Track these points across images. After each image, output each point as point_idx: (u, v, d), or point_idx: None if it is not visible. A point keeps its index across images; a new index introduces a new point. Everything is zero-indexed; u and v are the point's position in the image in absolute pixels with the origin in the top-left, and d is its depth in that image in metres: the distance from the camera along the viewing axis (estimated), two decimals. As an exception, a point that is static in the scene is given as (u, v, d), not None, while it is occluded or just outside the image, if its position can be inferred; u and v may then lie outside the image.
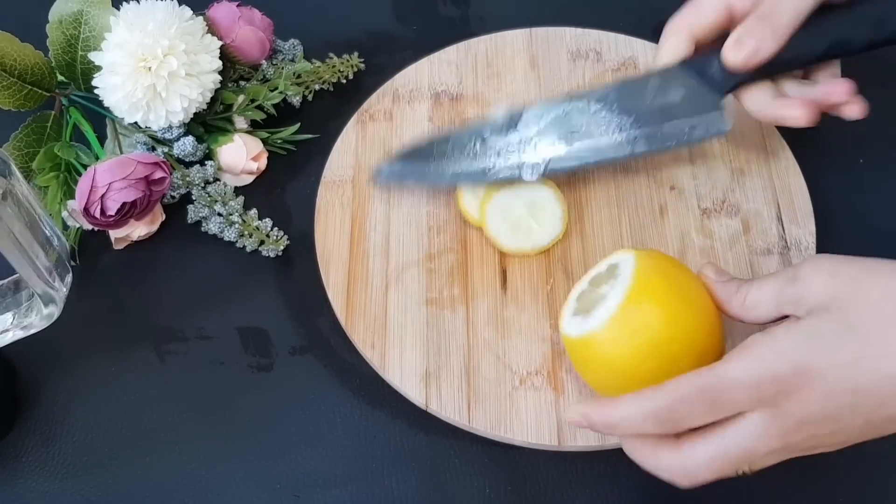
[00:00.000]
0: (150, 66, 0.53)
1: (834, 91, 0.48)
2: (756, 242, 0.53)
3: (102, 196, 0.51)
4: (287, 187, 0.59)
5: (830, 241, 0.54)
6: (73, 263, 0.52)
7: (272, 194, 0.59)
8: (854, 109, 0.48)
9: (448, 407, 0.48)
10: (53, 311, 0.45)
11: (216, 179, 0.58)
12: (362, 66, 0.63)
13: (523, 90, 0.60)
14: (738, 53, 0.47)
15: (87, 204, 0.51)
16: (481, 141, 0.52)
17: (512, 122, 0.52)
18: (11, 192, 0.40)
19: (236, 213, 0.56)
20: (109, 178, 0.51)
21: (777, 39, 0.47)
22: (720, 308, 0.43)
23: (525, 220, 0.53)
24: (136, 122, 0.56)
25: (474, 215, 0.54)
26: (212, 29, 0.57)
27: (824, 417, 0.37)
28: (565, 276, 0.52)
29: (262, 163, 0.59)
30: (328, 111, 0.62)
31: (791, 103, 0.48)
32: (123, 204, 0.51)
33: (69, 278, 0.45)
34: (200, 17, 0.57)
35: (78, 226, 0.56)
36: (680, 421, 0.38)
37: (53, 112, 0.58)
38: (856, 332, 0.36)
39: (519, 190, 0.53)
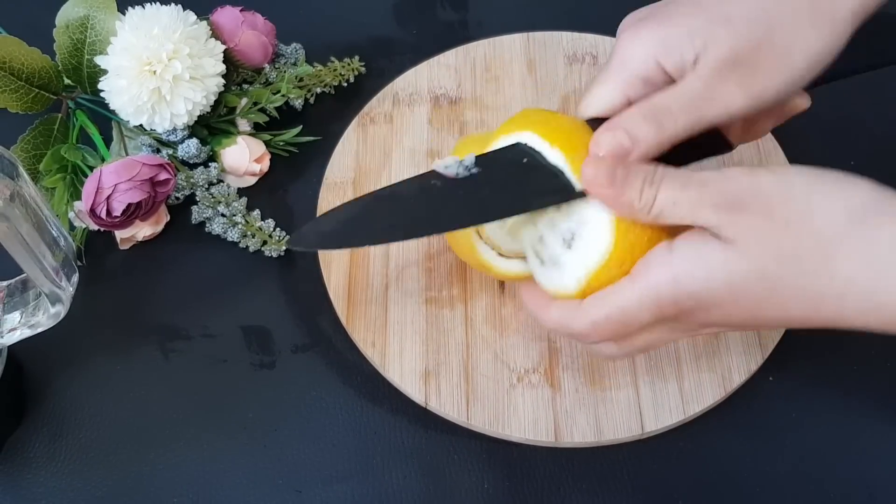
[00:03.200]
0: (154, 70, 0.53)
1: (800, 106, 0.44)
2: (750, 243, 0.54)
3: (108, 197, 0.51)
4: (289, 189, 0.59)
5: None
6: (79, 263, 0.53)
7: (275, 195, 0.59)
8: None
9: (447, 404, 0.49)
10: (60, 310, 0.46)
11: (220, 181, 0.58)
12: (363, 69, 0.64)
13: (521, 93, 0.61)
14: (600, 144, 0.39)
15: (93, 205, 0.52)
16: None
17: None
18: (19, 194, 0.41)
19: (239, 214, 0.56)
20: (115, 179, 0.51)
21: (658, 144, 0.39)
22: (612, 208, 0.38)
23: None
24: (141, 125, 0.56)
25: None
26: (215, 33, 0.58)
27: (718, 325, 0.38)
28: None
29: (265, 165, 0.59)
30: (330, 114, 0.62)
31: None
32: (129, 205, 0.52)
33: (75, 278, 0.46)
34: (204, 22, 0.57)
35: (84, 226, 0.56)
36: (589, 337, 0.40)
37: (60, 115, 0.58)
38: (771, 279, 0.35)
39: None
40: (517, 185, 0.40)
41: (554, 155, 0.40)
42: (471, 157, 0.41)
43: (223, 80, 0.57)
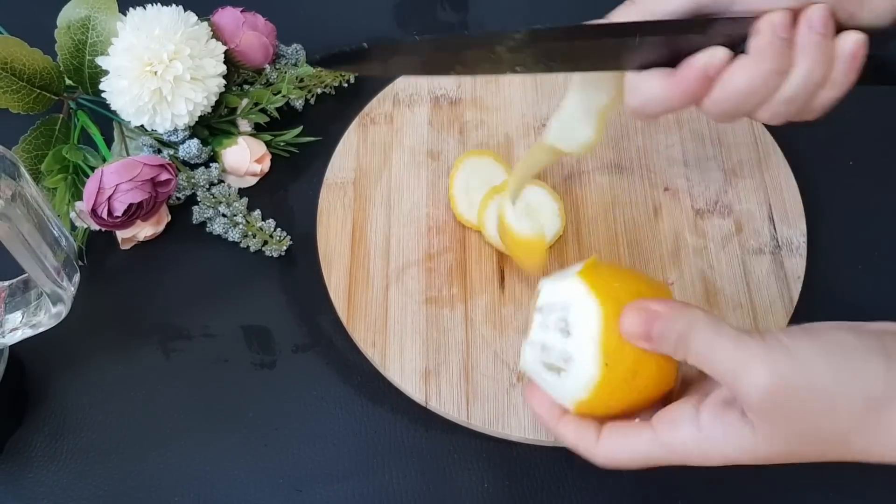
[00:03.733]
0: (156, 71, 0.54)
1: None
2: (748, 242, 0.54)
3: (109, 197, 0.52)
4: (290, 189, 0.60)
5: (820, 240, 0.55)
6: (80, 263, 0.53)
7: (275, 196, 0.59)
8: None
9: (447, 403, 0.49)
10: (62, 310, 0.46)
11: (220, 181, 0.58)
12: (363, 70, 0.64)
13: (520, 94, 0.61)
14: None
15: (94, 205, 0.52)
16: None
17: None
18: (20, 194, 0.41)
19: (240, 214, 0.56)
20: (116, 179, 0.51)
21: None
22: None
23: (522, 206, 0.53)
24: (142, 125, 0.56)
25: (470, 220, 0.55)
26: (216, 34, 0.58)
27: None
28: (562, 276, 0.53)
29: (266, 165, 0.59)
30: (330, 114, 0.62)
31: None
32: (130, 205, 0.52)
33: (77, 278, 0.46)
34: (205, 23, 0.57)
35: (85, 226, 0.56)
36: (606, 467, 0.40)
37: (62, 115, 0.58)
38: (791, 449, 0.37)
39: None
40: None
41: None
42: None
43: (224, 81, 0.57)
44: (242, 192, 0.59)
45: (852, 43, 0.40)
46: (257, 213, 0.57)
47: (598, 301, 0.39)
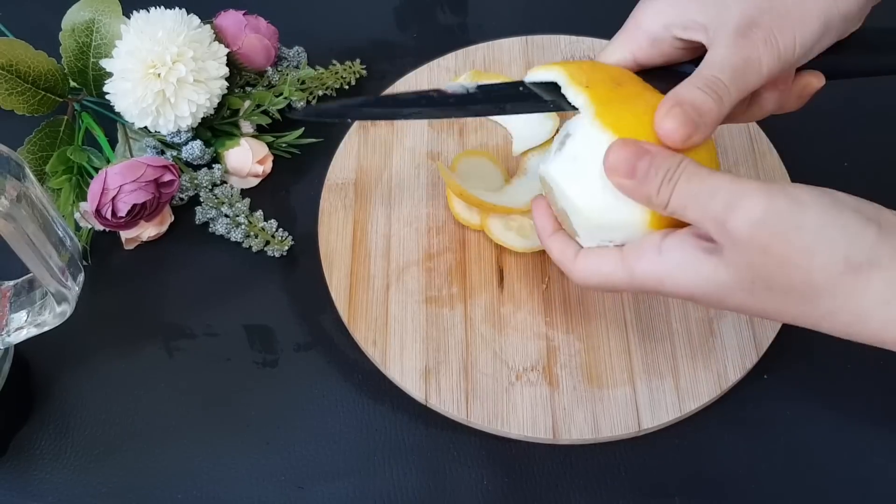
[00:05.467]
0: (159, 73, 0.54)
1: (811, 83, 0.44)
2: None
3: (113, 198, 0.52)
4: (291, 190, 0.60)
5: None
6: (84, 263, 0.53)
7: (277, 196, 0.59)
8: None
9: (447, 402, 0.50)
10: (66, 310, 0.46)
11: (223, 182, 0.58)
12: (364, 72, 0.64)
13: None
14: (666, 122, 0.38)
15: (98, 206, 0.52)
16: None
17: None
18: (25, 195, 0.41)
19: (242, 215, 0.57)
20: (120, 180, 0.52)
21: (719, 117, 0.39)
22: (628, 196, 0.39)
23: (528, 222, 0.54)
24: (145, 127, 0.57)
25: (469, 220, 0.55)
26: (219, 37, 0.58)
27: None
28: (560, 275, 0.54)
29: (268, 166, 0.60)
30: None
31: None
32: (134, 206, 0.52)
33: (81, 277, 0.46)
34: (208, 26, 0.58)
35: (90, 227, 0.57)
36: (576, 281, 0.43)
37: (66, 117, 0.59)
38: (756, 297, 0.36)
39: None
40: (508, 98, 0.45)
41: (571, 91, 0.42)
42: (474, 84, 0.46)
43: (226, 83, 0.58)
44: (245, 192, 0.59)
45: (812, 90, 0.44)
46: (259, 213, 0.57)
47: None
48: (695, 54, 0.43)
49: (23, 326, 0.47)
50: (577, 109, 0.42)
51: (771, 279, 0.35)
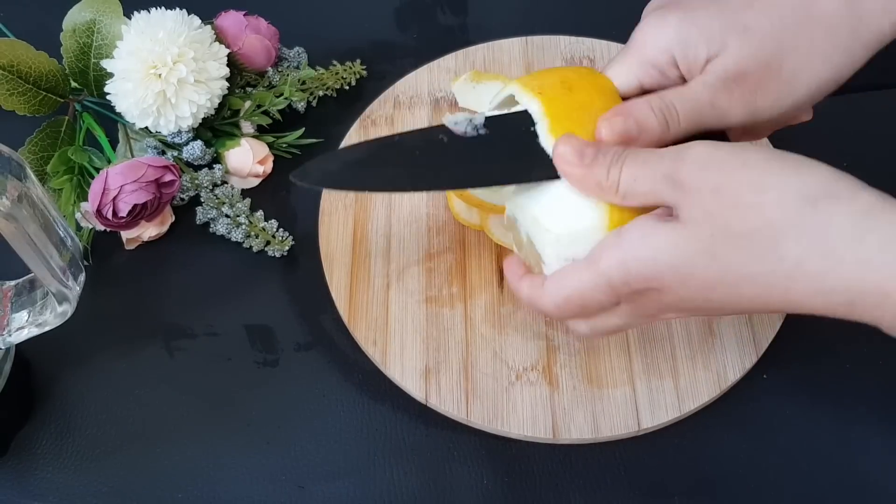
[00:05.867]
0: (160, 73, 0.54)
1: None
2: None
3: (114, 198, 0.52)
4: (292, 190, 0.60)
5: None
6: (85, 263, 0.54)
7: (278, 197, 0.60)
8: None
9: (447, 401, 0.50)
10: (67, 309, 0.46)
11: (224, 182, 0.59)
12: (364, 73, 0.64)
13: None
14: (609, 126, 0.39)
15: (99, 206, 0.52)
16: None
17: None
18: (27, 195, 0.41)
19: (243, 215, 0.57)
20: (121, 180, 0.52)
21: (660, 139, 0.39)
22: (580, 188, 0.39)
23: None
24: (146, 127, 0.57)
25: (468, 220, 0.55)
26: (220, 37, 0.58)
27: (675, 309, 0.39)
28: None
29: (268, 166, 0.60)
30: (332, 116, 0.63)
31: None
32: (134, 206, 0.52)
33: (82, 277, 0.46)
34: (209, 26, 0.58)
35: (91, 227, 0.57)
36: (553, 315, 0.42)
37: (67, 117, 0.59)
38: (720, 259, 0.35)
39: None
40: (520, 154, 0.41)
41: (542, 125, 0.41)
42: (481, 118, 0.42)
43: (227, 84, 0.58)
44: (245, 192, 0.59)
45: (807, 117, 0.44)
46: (260, 213, 0.57)
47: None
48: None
49: (24, 326, 0.47)
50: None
51: (729, 227, 0.34)
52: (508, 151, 0.41)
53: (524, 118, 0.42)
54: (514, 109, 0.42)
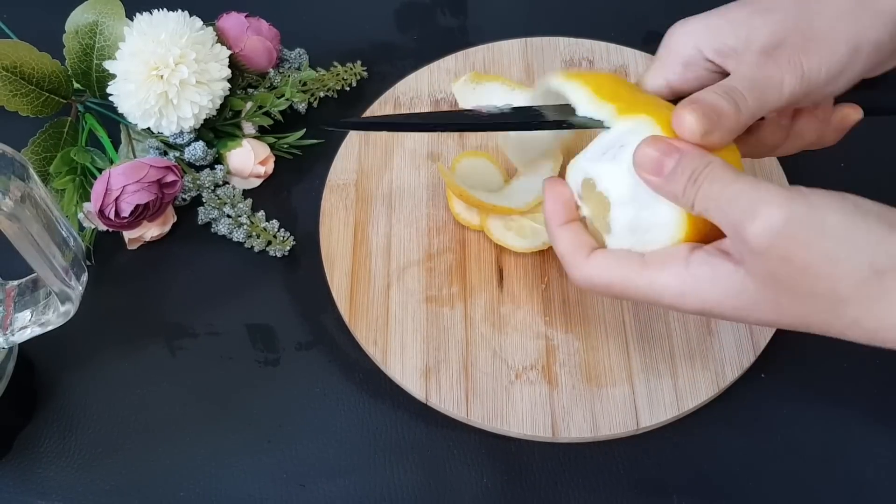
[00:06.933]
0: (162, 75, 0.54)
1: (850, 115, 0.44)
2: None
3: (117, 198, 0.52)
4: (293, 190, 0.60)
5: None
6: (88, 263, 0.54)
7: (279, 197, 0.60)
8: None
9: (447, 400, 0.50)
10: (70, 309, 0.46)
11: (225, 183, 0.59)
12: (365, 74, 0.65)
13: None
14: (683, 118, 0.38)
15: (101, 206, 0.53)
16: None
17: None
18: (29, 195, 0.41)
19: (245, 215, 0.57)
20: (123, 181, 0.52)
21: (737, 123, 0.39)
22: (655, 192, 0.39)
23: (527, 223, 0.55)
24: (148, 128, 0.57)
25: (468, 220, 0.56)
26: (221, 39, 0.59)
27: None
28: (559, 274, 0.54)
29: (270, 167, 0.60)
30: (332, 117, 0.63)
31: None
32: (137, 206, 0.53)
33: (85, 277, 0.46)
34: (210, 28, 0.58)
35: (93, 227, 0.57)
36: (576, 282, 0.41)
37: (70, 118, 0.59)
38: (780, 307, 0.36)
39: None
40: (541, 111, 0.44)
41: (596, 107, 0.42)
42: (509, 105, 0.45)
43: (229, 85, 0.58)
44: (247, 193, 0.59)
45: (850, 123, 0.44)
46: (261, 213, 0.58)
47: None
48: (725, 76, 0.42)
49: (27, 326, 0.47)
50: (601, 123, 0.41)
51: (795, 288, 0.35)
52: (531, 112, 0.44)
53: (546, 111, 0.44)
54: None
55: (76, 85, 0.59)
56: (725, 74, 0.42)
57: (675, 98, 0.42)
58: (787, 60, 0.40)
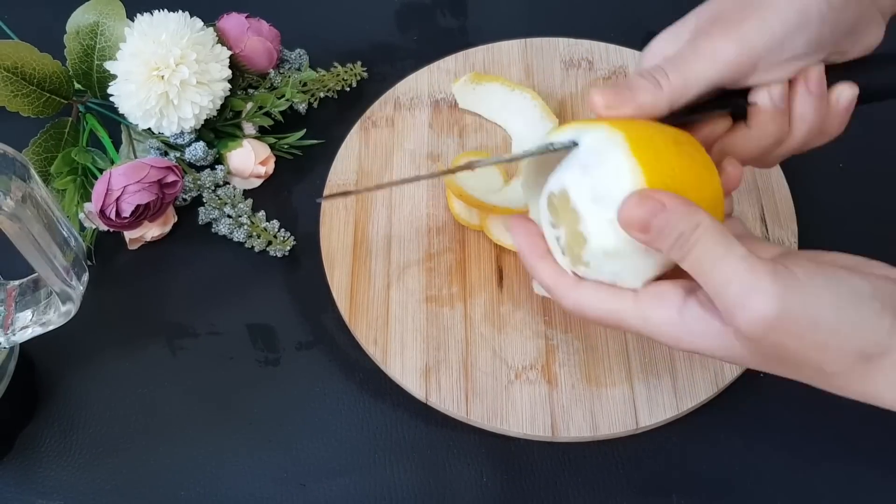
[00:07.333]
0: (162, 75, 0.54)
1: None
2: (742, 243, 0.55)
3: (117, 199, 0.52)
4: (293, 190, 0.60)
5: (811, 241, 0.55)
6: (89, 263, 0.54)
7: (279, 197, 0.60)
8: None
9: (447, 400, 0.50)
10: (71, 309, 0.46)
11: (226, 183, 0.59)
12: (365, 74, 0.65)
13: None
14: (600, 96, 0.39)
15: (102, 206, 0.53)
16: None
17: None
18: (31, 195, 0.41)
19: (245, 215, 0.57)
20: (124, 181, 0.52)
21: (655, 102, 0.39)
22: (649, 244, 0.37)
23: None
24: (149, 129, 0.57)
25: (468, 220, 0.56)
26: (222, 39, 0.59)
27: None
28: (559, 275, 0.54)
29: (270, 167, 0.60)
30: (333, 118, 0.63)
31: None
32: (137, 206, 0.53)
33: (85, 277, 0.46)
34: (211, 28, 0.58)
35: (94, 227, 0.57)
36: (566, 308, 0.40)
37: (71, 118, 0.59)
38: (769, 365, 0.37)
39: None
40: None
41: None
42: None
43: (229, 85, 0.58)
44: (247, 193, 0.59)
45: (846, 100, 0.42)
46: (262, 213, 0.58)
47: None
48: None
49: (28, 325, 0.47)
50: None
51: (785, 361, 0.36)
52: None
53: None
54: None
55: (77, 85, 0.59)
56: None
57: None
58: (720, 30, 0.40)
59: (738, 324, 0.34)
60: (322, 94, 0.64)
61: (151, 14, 0.56)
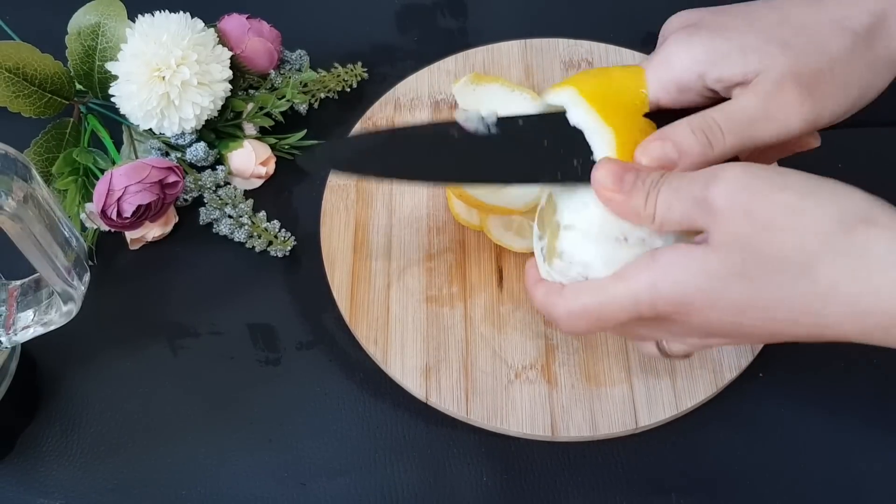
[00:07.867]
0: (163, 76, 0.54)
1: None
2: (741, 243, 0.55)
3: (119, 199, 0.53)
4: (294, 191, 0.60)
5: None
6: (90, 263, 0.54)
7: (280, 197, 0.60)
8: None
9: (447, 399, 0.50)
10: (72, 309, 0.46)
11: (227, 183, 0.59)
12: (366, 75, 0.65)
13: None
14: (647, 151, 0.38)
15: (104, 206, 0.53)
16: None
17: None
18: (32, 196, 0.41)
19: (246, 216, 0.57)
20: (125, 181, 0.52)
21: (704, 160, 0.38)
22: (619, 214, 0.38)
23: (527, 223, 0.55)
24: (150, 129, 0.57)
25: (468, 220, 0.56)
26: (223, 40, 0.59)
27: (701, 334, 0.38)
28: (559, 275, 0.54)
29: (271, 167, 0.60)
30: (333, 118, 0.63)
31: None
32: (139, 206, 0.53)
33: (87, 277, 0.46)
34: (212, 29, 0.58)
35: (95, 227, 0.57)
36: (561, 324, 0.40)
37: (72, 119, 0.59)
38: (752, 282, 0.34)
39: None
40: (531, 158, 0.41)
41: (582, 114, 0.40)
42: (493, 116, 0.42)
43: (230, 86, 0.58)
44: (248, 193, 0.59)
45: (808, 146, 0.43)
46: (262, 214, 0.58)
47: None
48: (720, 101, 0.40)
49: (29, 325, 0.47)
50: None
51: (761, 249, 0.34)
52: (520, 152, 0.41)
53: (540, 125, 0.42)
54: (533, 111, 0.43)
55: (78, 86, 0.59)
56: (709, 97, 0.40)
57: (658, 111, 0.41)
58: (799, 101, 0.38)
59: (710, 197, 0.34)
60: (322, 95, 0.64)
61: (152, 15, 0.57)
